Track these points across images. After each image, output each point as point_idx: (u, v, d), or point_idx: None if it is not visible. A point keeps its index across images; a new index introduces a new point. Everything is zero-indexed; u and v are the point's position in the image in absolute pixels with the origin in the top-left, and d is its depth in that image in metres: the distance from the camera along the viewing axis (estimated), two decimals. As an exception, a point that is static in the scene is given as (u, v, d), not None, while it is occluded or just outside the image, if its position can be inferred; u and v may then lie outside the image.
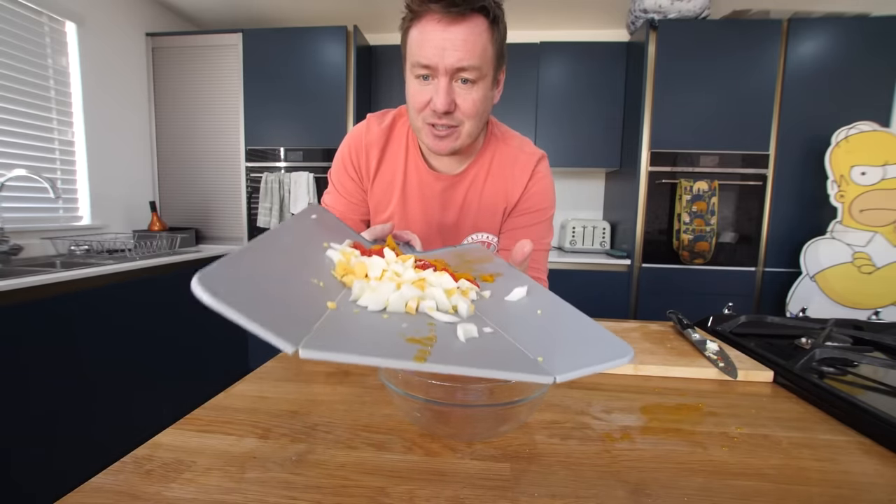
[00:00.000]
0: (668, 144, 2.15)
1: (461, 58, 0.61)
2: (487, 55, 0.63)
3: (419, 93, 0.66)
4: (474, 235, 0.82)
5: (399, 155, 0.80)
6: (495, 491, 0.35)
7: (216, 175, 2.52)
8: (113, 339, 1.67)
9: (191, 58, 2.47)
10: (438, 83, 0.63)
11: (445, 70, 0.62)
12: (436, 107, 0.64)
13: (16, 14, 1.82)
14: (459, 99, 0.65)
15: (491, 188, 0.79)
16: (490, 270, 0.50)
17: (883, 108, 2.04)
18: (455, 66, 0.61)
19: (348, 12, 2.62)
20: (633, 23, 2.31)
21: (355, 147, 0.81)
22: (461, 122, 0.68)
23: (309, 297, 0.33)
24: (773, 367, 0.61)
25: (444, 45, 0.60)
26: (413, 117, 0.70)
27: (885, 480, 0.38)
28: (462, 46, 0.60)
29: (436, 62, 0.61)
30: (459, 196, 0.80)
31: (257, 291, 0.28)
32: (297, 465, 0.38)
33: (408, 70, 0.67)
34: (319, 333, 0.28)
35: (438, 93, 0.63)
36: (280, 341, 0.25)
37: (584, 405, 0.51)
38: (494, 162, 0.79)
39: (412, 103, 0.68)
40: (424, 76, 0.64)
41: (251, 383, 0.55)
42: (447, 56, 0.61)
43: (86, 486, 0.34)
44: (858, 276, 1.97)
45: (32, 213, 1.93)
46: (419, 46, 0.62)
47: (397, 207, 0.81)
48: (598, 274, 2.25)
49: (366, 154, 0.80)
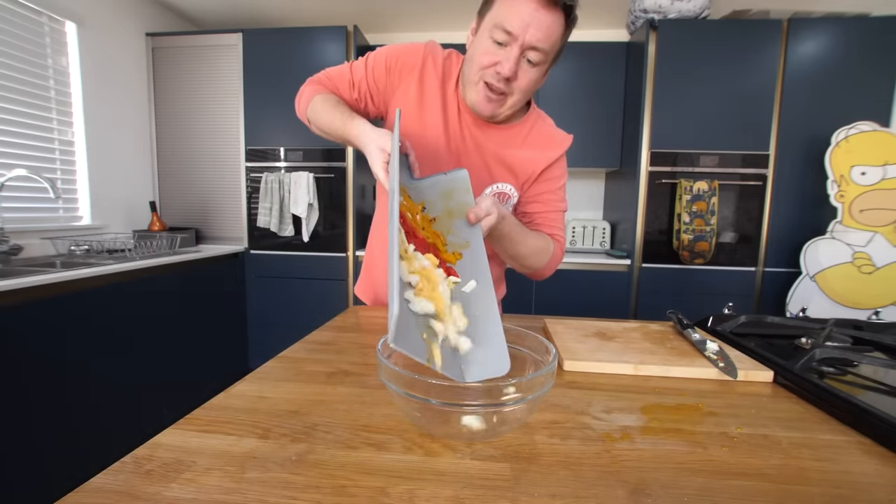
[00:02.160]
0: (668, 144, 2.16)
1: (539, 39, 0.68)
2: (555, 48, 0.71)
3: (489, 53, 0.71)
4: (496, 185, 0.86)
5: (438, 86, 0.82)
6: (495, 491, 0.35)
7: (216, 175, 2.52)
8: (113, 339, 1.67)
9: (191, 58, 2.47)
10: (510, 51, 0.69)
11: (522, 44, 0.68)
12: (502, 69, 0.70)
13: (16, 14, 1.82)
14: (521, 72, 0.72)
15: (524, 153, 0.85)
16: (461, 237, 0.61)
17: (883, 108, 2.04)
18: (531, 44, 0.68)
19: (348, 12, 2.62)
20: (633, 23, 2.31)
21: (415, 52, 0.83)
22: (511, 93, 0.75)
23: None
24: (773, 367, 0.61)
25: (531, 23, 0.67)
26: (471, 71, 0.75)
27: (885, 480, 0.38)
28: (544, 30, 0.68)
29: (518, 33, 0.67)
30: (493, 145, 0.84)
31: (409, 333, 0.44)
32: (297, 465, 0.38)
33: (484, 29, 0.72)
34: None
35: (509, 59, 0.69)
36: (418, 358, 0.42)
37: (584, 405, 0.51)
38: (532, 133, 0.86)
39: (478, 59, 0.73)
40: (500, 42, 0.69)
41: (251, 383, 0.55)
42: (529, 33, 0.67)
43: (86, 486, 0.34)
44: (858, 276, 1.97)
45: (32, 213, 1.93)
46: (508, 12, 0.68)
47: (417, 126, 0.83)
48: (598, 274, 2.25)
49: (421, 66, 0.82)
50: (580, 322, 0.83)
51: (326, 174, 2.40)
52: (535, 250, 0.83)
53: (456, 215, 0.64)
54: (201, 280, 2.17)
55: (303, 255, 2.45)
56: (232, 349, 2.45)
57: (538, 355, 0.52)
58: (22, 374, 1.33)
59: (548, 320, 0.84)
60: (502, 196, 0.87)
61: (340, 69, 0.86)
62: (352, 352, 0.67)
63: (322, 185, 2.41)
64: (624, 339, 0.73)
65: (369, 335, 0.76)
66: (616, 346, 0.69)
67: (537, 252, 0.83)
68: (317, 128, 0.84)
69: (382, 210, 0.96)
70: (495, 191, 0.86)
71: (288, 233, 2.43)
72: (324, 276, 2.45)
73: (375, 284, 0.99)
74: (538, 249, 0.83)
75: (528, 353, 0.54)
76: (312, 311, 2.45)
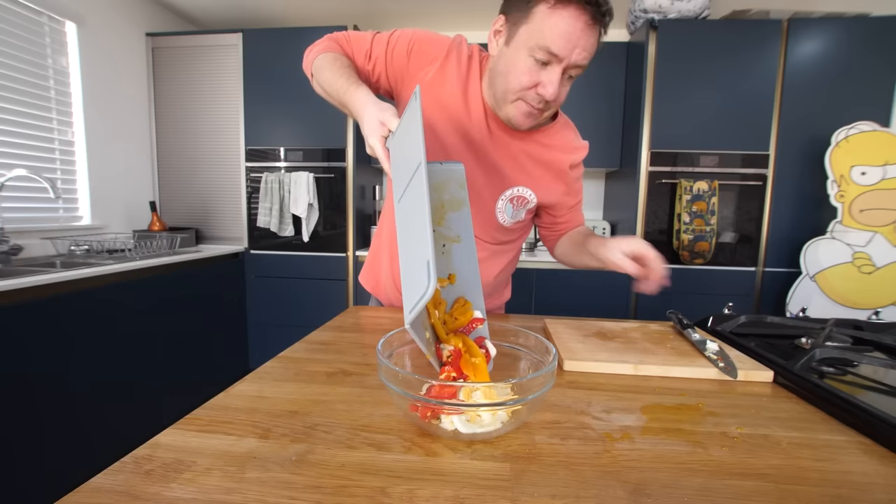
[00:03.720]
0: (668, 144, 2.15)
1: (585, 58, 0.66)
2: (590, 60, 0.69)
3: (529, 73, 0.68)
4: (517, 189, 0.84)
5: (459, 83, 0.79)
6: (495, 491, 0.35)
7: (216, 175, 2.52)
8: (113, 339, 1.67)
9: (191, 58, 2.47)
10: (553, 72, 0.66)
11: (567, 65, 0.65)
12: (545, 92, 0.67)
13: (16, 14, 1.82)
14: (562, 89, 0.70)
15: (546, 158, 0.84)
16: (453, 231, 0.61)
17: (883, 108, 2.04)
18: (576, 63, 0.65)
19: (348, 12, 2.62)
20: (633, 23, 2.31)
21: (441, 44, 0.80)
22: (549, 108, 0.73)
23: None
24: (773, 367, 0.61)
25: (578, 44, 0.63)
26: (507, 89, 0.71)
27: (885, 480, 0.38)
28: (589, 49, 0.65)
29: (564, 55, 0.64)
30: (518, 150, 0.82)
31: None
32: (297, 465, 0.38)
33: (521, 44, 0.67)
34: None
35: (552, 83, 0.67)
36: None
37: (584, 405, 0.51)
38: (556, 137, 0.85)
39: (516, 79, 0.69)
40: (543, 61, 0.66)
41: (251, 383, 0.55)
42: (576, 54, 0.64)
43: (86, 486, 0.34)
44: (858, 276, 1.97)
45: (32, 213, 1.93)
46: (553, 32, 0.63)
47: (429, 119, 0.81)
48: (598, 274, 2.24)
49: (444, 58, 0.79)
50: (580, 322, 0.83)
51: (326, 174, 2.40)
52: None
53: (448, 208, 0.63)
54: (201, 280, 2.17)
55: (303, 255, 2.45)
56: (232, 349, 2.45)
57: (538, 355, 0.52)
58: (22, 375, 1.33)
59: (548, 320, 0.84)
60: (521, 200, 0.86)
61: (362, 36, 0.83)
62: (352, 352, 0.67)
63: (322, 185, 2.41)
64: (624, 339, 0.73)
65: (369, 335, 0.76)
66: (616, 346, 0.69)
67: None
68: (318, 84, 0.80)
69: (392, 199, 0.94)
70: (515, 194, 0.85)
71: (288, 233, 2.43)
72: (324, 276, 2.45)
73: (378, 272, 0.99)
74: None
75: (528, 353, 0.54)
76: (312, 311, 2.45)
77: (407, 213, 0.47)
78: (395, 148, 0.59)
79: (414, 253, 0.42)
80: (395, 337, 0.52)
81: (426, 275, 0.37)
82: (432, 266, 0.37)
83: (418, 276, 0.39)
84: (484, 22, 2.62)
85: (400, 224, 0.50)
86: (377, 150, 0.62)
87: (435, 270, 0.37)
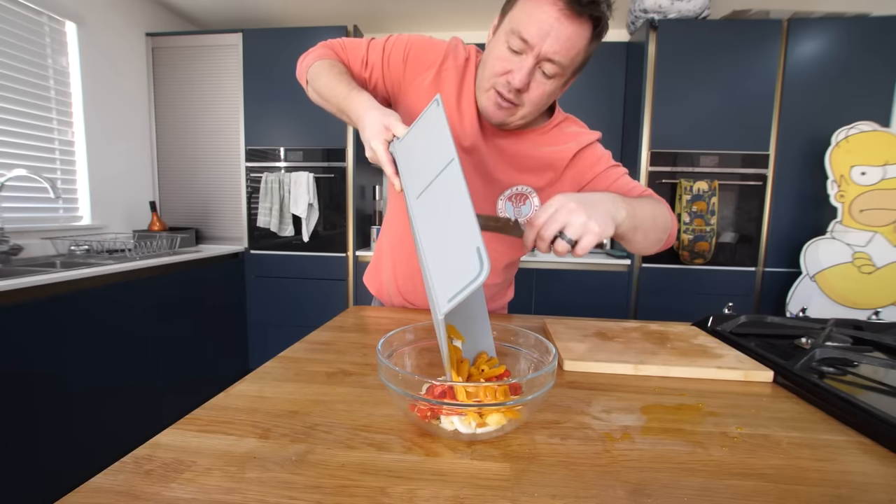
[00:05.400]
0: (667, 144, 2.15)
1: (556, 51, 0.63)
2: (576, 61, 0.66)
3: (502, 59, 0.67)
4: (516, 188, 0.83)
5: (455, 87, 0.78)
6: (495, 491, 0.35)
7: (216, 175, 2.52)
8: (113, 339, 1.67)
9: (191, 58, 2.47)
10: (524, 61, 0.65)
11: (538, 55, 0.64)
12: (513, 80, 0.66)
13: (16, 14, 1.82)
14: (533, 84, 0.68)
15: (546, 150, 0.81)
16: None
17: (883, 108, 2.04)
18: (547, 56, 0.63)
19: (348, 12, 2.62)
20: (633, 23, 2.31)
21: (437, 49, 0.79)
22: (522, 105, 0.71)
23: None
24: (773, 367, 0.61)
25: (549, 33, 0.62)
26: (483, 76, 0.72)
27: (885, 480, 0.38)
28: (563, 43, 0.62)
29: (534, 43, 0.63)
30: (512, 151, 0.81)
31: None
32: (297, 465, 0.38)
33: (502, 32, 0.67)
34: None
35: (521, 70, 0.65)
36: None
37: (584, 405, 0.51)
38: (553, 133, 0.82)
39: (492, 65, 0.69)
40: (515, 49, 0.65)
41: (251, 383, 0.55)
42: (546, 44, 0.62)
43: (86, 486, 0.34)
44: (858, 276, 1.97)
45: (32, 213, 1.93)
46: (527, 18, 0.63)
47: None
48: (598, 274, 2.25)
49: (440, 63, 0.78)
50: (580, 322, 0.83)
51: (326, 174, 2.40)
52: (653, 219, 0.72)
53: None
54: (201, 280, 2.17)
55: (303, 255, 2.45)
56: (232, 349, 2.45)
57: (538, 355, 0.52)
58: (22, 375, 1.33)
59: (548, 320, 0.84)
60: (520, 196, 0.84)
61: (357, 43, 0.82)
62: (352, 352, 0.67)
63: (322, 185, 2.41)
64: (624, 339, 0.73)
65: (369, 335, 0.76)
66: (616, 346, 0.69)
67: (655, 217, 0.72)
68: (314, 91, 0.79)
69: (396, 200, 0.92)
70: (514, 192, 0.84)
71: (288, 233, 2.43)
72: (324, 276, 2.45)
73: (380, 274, 0.99)
74: (655, 215, 0.72)
75: (528, 353, 0.54)
76: (312, 311, 2.45)
77: (433, 207, 0.45)
78: (406, 151, 0.57)
79: (450, 244, 0.40)
80: (395, 337, 0.52)
81: (477, 260, 0.36)
82: (483, 251, 0.36)
83: (460, 264, 0.37)
84: (484, 22, 2.62)
85: (421, 220, 0.47)
86: (379, 154, 0.61)
87: (487, 255, 0.36)
